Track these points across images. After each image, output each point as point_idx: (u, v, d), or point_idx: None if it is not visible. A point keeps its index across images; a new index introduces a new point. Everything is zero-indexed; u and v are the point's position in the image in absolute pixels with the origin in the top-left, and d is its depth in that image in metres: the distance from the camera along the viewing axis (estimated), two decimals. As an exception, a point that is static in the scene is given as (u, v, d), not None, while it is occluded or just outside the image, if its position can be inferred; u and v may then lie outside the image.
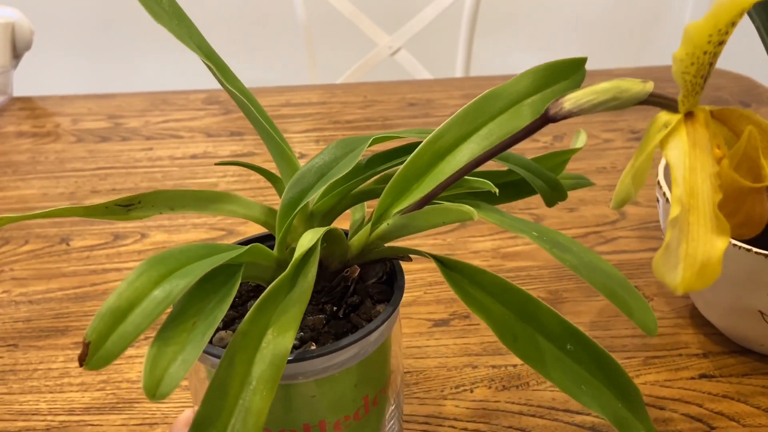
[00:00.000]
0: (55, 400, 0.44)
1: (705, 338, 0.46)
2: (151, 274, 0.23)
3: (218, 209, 0.30)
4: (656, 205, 0.63)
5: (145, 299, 0.22)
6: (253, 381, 0.23)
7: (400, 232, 0.30)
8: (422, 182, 0.30)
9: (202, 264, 0.24)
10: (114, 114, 0.89)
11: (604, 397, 0.28)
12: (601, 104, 0.24)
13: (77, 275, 0.56)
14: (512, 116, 0.28)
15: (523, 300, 0.29)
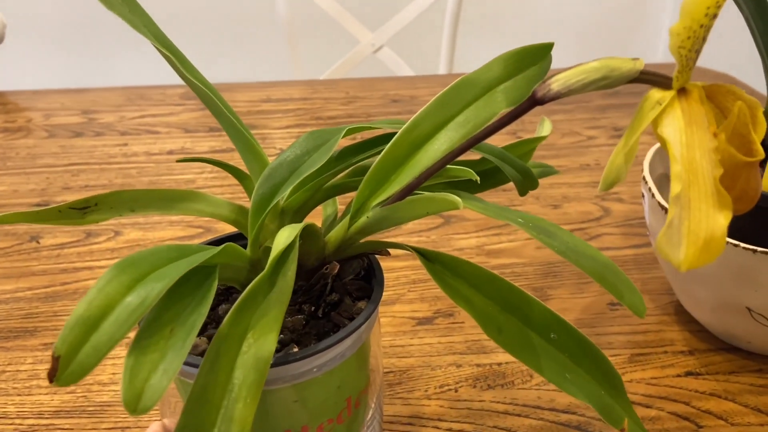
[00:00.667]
0: (23, 402, 0.42)
1: (691, 335, 0.46)
2: (122, 279, 0.21)
3: (184, 209, 0.28)
4: (641, 202, 0.62)
5: (118, 306, 0.21)
6: (235, 388, 0.21)
7: (380, 225, 0.29)
8: (400, 173, 0.29)
9: (176, 266, 0.23)
10: (88, 109, 0.87)
11: (589, 385, 0.28)
12: (591, 83, 0.23)
13: (47, 274, 0.54)
14: (487, 102, 0.28)
15: (506, 290, 0.28)
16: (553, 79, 0.23)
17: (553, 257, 0.54)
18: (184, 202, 0.28)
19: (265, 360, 0.22)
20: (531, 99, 0.24)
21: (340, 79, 0.96)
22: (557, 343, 0.28)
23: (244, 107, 0.86)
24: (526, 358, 0.28)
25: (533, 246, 0.56)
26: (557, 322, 0.28)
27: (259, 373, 0.22)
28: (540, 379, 0.42)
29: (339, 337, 0.26)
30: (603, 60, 0.23)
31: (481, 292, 0.29)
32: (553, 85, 0.23)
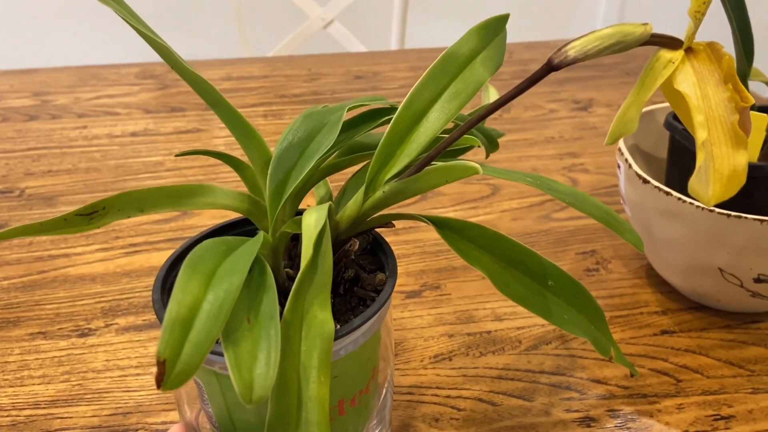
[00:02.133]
0: (17, 394, 0.41)
1: (662, 296, 0.49)
2: (198, 278, 0.21)
3: (195, 203, 0.28)
4: (605, 172, 0.65)
5: (204, 303, 0.21)
6: (307, 370, 0.22)
7: (395, 198, 0.30)
8: (405, 146, 0.30)
9: (238, 259, 0.23)
10: (39, 91, 0.84)
11: (582, 322, 0.31)
12: (606, 48, 0.25)
13: (22, 263, 0.53)
14: (471, 73, 0.29)
15: (508, 246, 0.31)
16: (569, 46, 0.25)
17: (528, 228, 0.57)
18: (194, 197, 0.28)
19: (329, 338, 0.23)
20: (547, 65, 0.26)
21: (299, 56, 0.96)
22: (554, 289, 0.31)
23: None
24: (532, 306, 0.30)
25: (509, 218, 0.58)
26: (553, 269, 0.31)
27: (325, 353, 0.23)
28: (528, 344, 0.44)
29: (375, 309, 0.27)
30: (616, 26, 0.25)
31: (487, 251, 0.31)
32: (569, 52, 0.25)
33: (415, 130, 0.30)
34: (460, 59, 0.30)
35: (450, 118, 0.30)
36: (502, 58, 0.31)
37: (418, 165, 0.28)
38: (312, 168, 0.29)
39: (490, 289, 0.49)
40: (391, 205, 0.30)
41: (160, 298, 0.29)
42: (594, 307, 0.32)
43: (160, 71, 0.89)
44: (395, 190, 0.29)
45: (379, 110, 0.34)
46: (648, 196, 0.43)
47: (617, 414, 0.39)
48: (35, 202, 0.61)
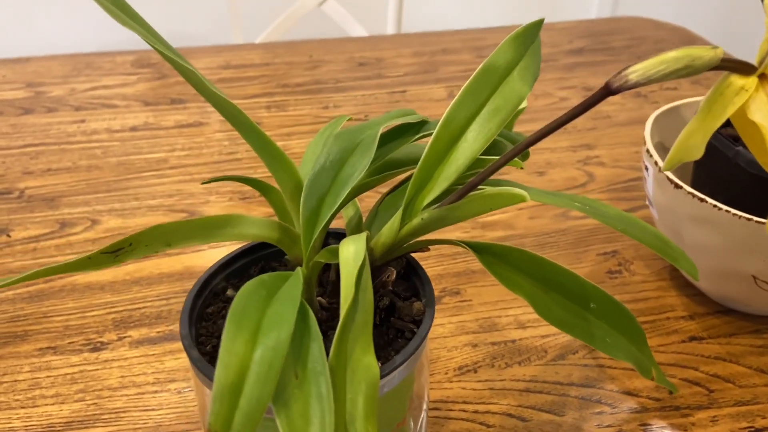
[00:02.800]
0: (29, 416, 0.40)
1: (688, 300, 0.48)
2: (244, 334, 0.20)
3: (224, 235, 0.27)
4: (621, 165, 0.64)
5: (252, 364, 0.19)
6: (354, 420, 0.21)
7: (435, 226, 0.28)
8: (443, 168, 0.28)
9: (282, 308, 0.21)
10: (32, 81, 0.81)
11: (624, 344, 0.30)
12: (672, 73, 0.23)
13: (26, 271, 0.51)
14: (509, 86, 0.28)
15: (548, 270, 0.29)
16: (631, 70, 0.23)
17: (546, 227, 0.55)
18: (223, 228, 0.26)
19: (373, 385, 0.22)
20: (605, 89, 0.24)
21: (299, 41, 0.93)
22: (596, 311, 0.30)
23: (204, 75, 0.82)
24: (574, 330, 0.29)
25: (525, 216, 0.57)
26: (594, 291, 0.30)
27: (371, 400, 0.21)
28: (554, 354, 0.43)
29: (417, 343, 0.26)
30: (683, 50, 0.23)
31: (528, 275, 0.29)
32: (630, 76, 0.23)
33: (453, 151, 0.28)
34: (498, 72, 0.29)
35: (490, 138, 0.28)
36: (539, 67, 0.30)
37: (461, 191, 0.27)
38: (348, 194, 0.27)
39: (512, 294, 0.48)
40: (431, 232, 0.28)
41: (188, 334, 0.27)
42: (635, 328, 0.31)
43: (156, 59, 0.86)
44: (435, 218, 0.27)
45: (409, 125, 0.32)
46: (679, 202, 0.41)
47: (650, 428, 0.39)
48: (36, 204, 0.59)
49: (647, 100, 0.75)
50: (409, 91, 0.78)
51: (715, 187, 0.45)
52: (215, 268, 0.30)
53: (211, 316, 0.29)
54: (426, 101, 0.76)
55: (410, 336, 0.29)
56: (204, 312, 0.29)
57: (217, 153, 0.66)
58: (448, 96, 0.77)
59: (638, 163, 0.64)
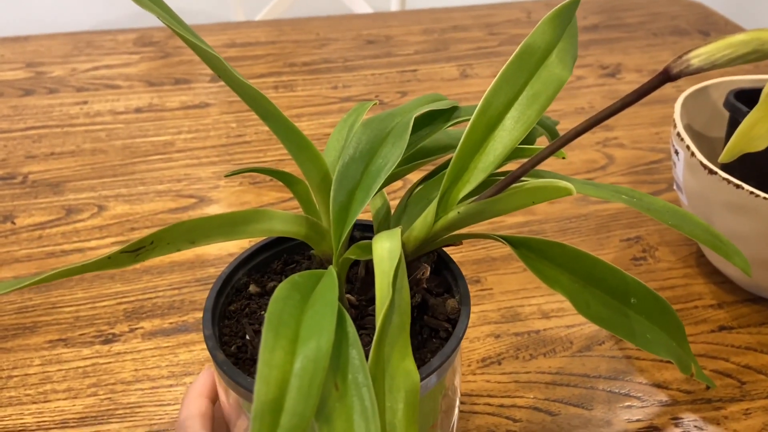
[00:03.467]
0: (41, 411, 0.39)
1: (716, 287, 0.46)
2: (282, 344, 0.18)
3: (250, 231, 0.25)
4: (641, 147, 0.62)
5: (292, 377, 0.18)
6: (394, 430, 0.20)
7: (472, 220, 0.27)
8: (479, 158, 0.27)
9: (320, 312, 0.20)
10: (32, 61, 0.79)
11: (665, 340, 0.29)
12: (739, 58, 0.21)
13: (33, 260, 0.50)
14: (548, 70, 0.27)
15: (589, 264, 0.28)
16: (693, 54, 0.21)
17: (567, 212, 0.54)
18: (248, 224, 0.25)
19: (414, 392, 0.21)
20: (664, 75, 0.22)
21: (305, 18, 0.90)
22: (636, 306, 0.28)
23: (209, 54, 0.80)
24: (614, 327, 0.28)
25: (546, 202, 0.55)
26: (635, 285, 0.28)
27: (412, 408, 0.20)
28: (580, 345, 0.42)
29: (454, 345, 0.24)
30: (752, 32, 0.21)
31: (567, 270, 0.28)
32: (693, 61, 0.21)
33: (490, 140, 0.27)
34: (536, 54, 0.27)
35: (530, 125, 0.27)
36: (577, 49, 0.28)
37: (501, 184, 0.25)
38: (380, 187, 0.26)
39: (534, 283, 0.47)
40: (467, 226, 0.27)
41: (212, 334, 0.26)
42: (676, 323, 0.30)
43: (159, 37, 0.84)
44: (472, 212, 0.26)
45: (438, 112, 0.31)
46: (713, 188, 0.40)
47: (682, 422, 0.38)
48: (40, 189, 0.57)
49: (665, 79, 0.73)
50: (420, 70, 0.76)
51: (746, 171, 0.43)
52: (236, 263, 0.29)
53: (234, 313, 0.28)
54: (438, 81, 0.74)
55: (444, 335, 0.27)
56: (226, 310, 0.28)
57: (225, 136, 0.64)
58: (460, 75, 0.75)
59: (659, 145, 0.62)
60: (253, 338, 0.27)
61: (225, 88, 0.73)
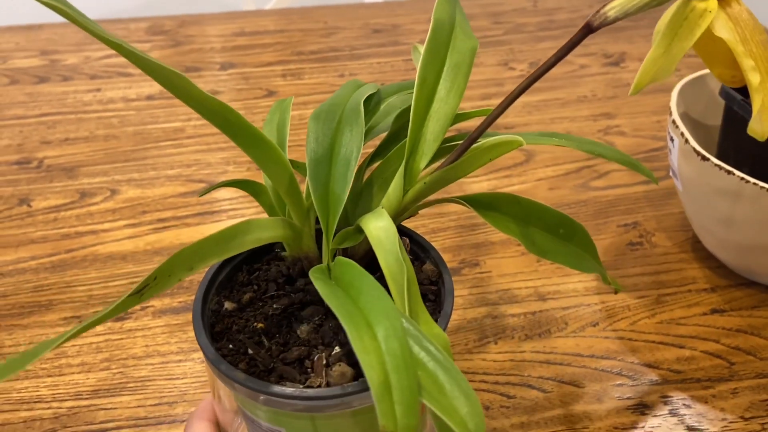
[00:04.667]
0: (56, 384, 0.41)
1: (710, 272, 0.47)
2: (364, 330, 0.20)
3: (243, 244, 0.25)
4: (642, 135, 0.63)
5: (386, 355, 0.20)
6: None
7: (437, 187, 0.29)
8: (427, 129, 0.28)
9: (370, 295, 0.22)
10: (46, 49, 0.80)
11: (587, 260, 0.31)
12: (645, 5, 0.24)
13: (48, 241, 0.52)
14: (459, 41, 0.29)
15: (525, 206, 0.31)
16: (608, 7, 0.24)
17: (566, 198, 0.55)
18: (239, 237, 0.25)
19: (448, 351, 0.22)
20: (586, 28, 0.25)
21: (313, 7, 0.92)
22: (564, 235, 0.31)
23: (218, 42, 0.82)
24: (556, 256, 0.30)
25: (545, 187, 0.56)
26: (559, 217, 0.31)
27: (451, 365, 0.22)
28: (576, 326, 0.43)
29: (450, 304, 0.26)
30: None
31: (511, 215, 0.30)
32: (609, 13, 0.24)
33: (432, 111, 0.29)
34: (445, 28, 0.29)
35: (462, 92, 0.28)
36: (467, 21, 0.30)
37: (459, 150, 0.27)
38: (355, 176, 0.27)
39: (531, 266, 0.48)
40: (433, 194, 0.29)
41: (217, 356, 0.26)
42: (591, 242, 0.32)
43: (170, 26, 0.86)
44: (437, 179, 0.28)
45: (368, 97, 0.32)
46: (706, 174, 0.41)
47: (671, 400, 0.39)
48: (55, 174, 0.59)
49: (669, 68, 0.74)
50: (426, 59, 0.77)
51: (740, 158, 0.44)
52: (203, 290, 0.29)
53: (222, 334, 0.28)
54: (443, 69, 0.75)
55: (433, 297, 0.29)
56: (214, 332, 0.28)
57: (234, 122, 0.66)
58: (466, 63, 0.76)
59: (660, 133, 0.63)
60: (258, 351, 0.27)
61: (234, 76, 0.75)
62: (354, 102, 0.30)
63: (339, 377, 0.25)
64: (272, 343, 0.27)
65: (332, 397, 0.24)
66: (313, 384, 0.25)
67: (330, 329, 0.27)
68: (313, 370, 0.26)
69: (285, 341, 0.28)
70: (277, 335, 0.28)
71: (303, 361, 0.26)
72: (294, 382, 0.25)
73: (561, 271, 0.48)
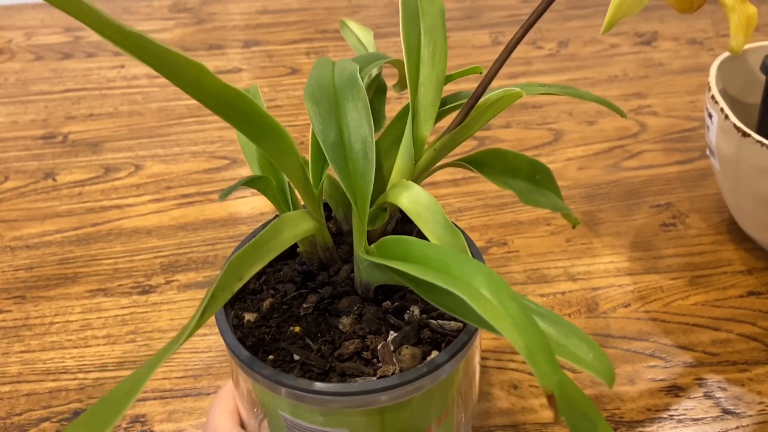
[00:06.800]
0: (82, 355, 0.41)
1: (746, 254, 0.46)
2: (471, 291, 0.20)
3: (281, 243, 0.25)
4: (675, 115, 0.61)
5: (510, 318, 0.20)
6: None
7: (447, 151, 0.28)
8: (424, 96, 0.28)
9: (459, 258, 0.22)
10: (71, 26, 0.80)
11: (556, 200, 0.32)
12: None
13: (73, 215, 0.51)
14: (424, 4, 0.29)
15: (512, 159, 0.31)
16: None
17: (597, 178, 0.54)
18: (276, 236, 0.25)
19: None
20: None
21: (338, -15, 0.90)
22: (540, 181, 0.32)
23: (242, 20, 0.81)
24: (540, 203, 0.31)
25: (574, 167, 0.55)
26: (534, 164, 0.32)
27: None
28: (606, 307, 0.42)
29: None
30: None
31: (501, 170, 0.31)
32: None
33: (422, 77, 0.28)
34: None
35: (444, 52, 0.28)
36: None
37: (463, 112, 0.27)
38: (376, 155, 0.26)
39: (560, 246, 0.47)
40: (443, 158, 0.28)
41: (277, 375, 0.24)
42: (552, 181, 0.33)
43: (193, 3, 0.85)
44: (445, 144, 0.27)
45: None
46: (746, 151, 0.39)
47: (705, 383, 0.38)
48: (80, 149, 0.59)
49: (703, 47, 0.72)
50: (452, 37, 0.76)
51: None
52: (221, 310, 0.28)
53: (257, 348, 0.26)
54: (469, 48, 0.74)
55: None
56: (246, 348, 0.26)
57: (258, 99, 0.65)
58: (492, 42, 0.75)
59: (694, 113, 0.61)
60: (308, 355, 0.26)
61: (257, 53, 0.74)
62: (345, 76, 0.28)
63: (410, 360, 0.24)
64: (319, 343, 0.26)
65: (420, 377, 0.23)
66: (387, 373, 0.24)
67: (373, 316, 0.26)
68: (380, 360, 0.25)
69: (332, 338, 0.26)
70: (319, 335, 0.27)
71: (359, 354, 0.25)
72: (363, 375, 0.24)
73: (591, 252, 0.47)
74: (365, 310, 0.27)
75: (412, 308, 0.27)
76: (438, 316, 0.28)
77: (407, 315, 0.27)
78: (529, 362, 0.19)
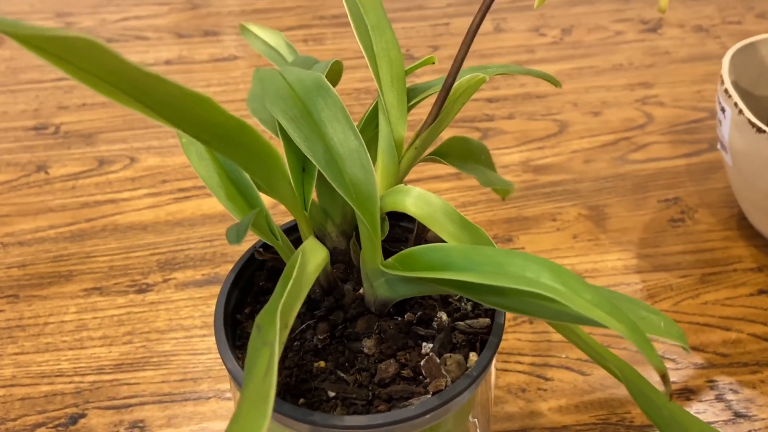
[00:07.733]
0: (78, 357, 0.40)
1: (757, 251, 0.45)
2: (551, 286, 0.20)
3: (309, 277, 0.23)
4: (682, 105, 0.60)
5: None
6: None
7: (427, 146, 0.27)
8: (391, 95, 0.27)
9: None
10: (62, 11, 0.78)
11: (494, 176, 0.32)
12: None
13: (67, 209, 0.50)
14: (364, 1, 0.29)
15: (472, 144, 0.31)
16: None
17: (603, 171, 0.52)
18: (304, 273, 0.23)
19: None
20: None
21: (335, -31, 0.88)
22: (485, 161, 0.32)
23: (237, 6, 0.79)
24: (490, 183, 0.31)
25: (580, 160, 0.54)
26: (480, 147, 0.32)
27: None
28: (614, 305, 0.41)
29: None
30: None
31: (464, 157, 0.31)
32: None
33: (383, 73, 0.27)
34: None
35: (397, 44, 0.28)
36: None
37: (437, 106, 0.26)
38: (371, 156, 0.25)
39: (567, 243, 0.46)
40: (424, 153, 0.28)
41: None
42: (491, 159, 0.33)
43: (188, -12, 0.83)
44: (425, 140, 0.27)
45: None
46: (761, 147, 0.38)
47: (717, 385, 0.37)
48: (73, 140, 0.57)
49: (709, 35, 0.70)
50: (453, 24, 0.74)
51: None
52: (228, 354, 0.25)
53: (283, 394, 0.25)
54: (471, 35, 0.72)
55: None
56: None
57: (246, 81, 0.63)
58: (494, 29, 0.73)
59: (701, 104, 0.60)
60: (345, 389, 0.24)
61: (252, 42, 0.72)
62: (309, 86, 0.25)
63: (457, 368, 0.23)
64: (352, 373, 0.25)
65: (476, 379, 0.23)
66: (440, 386, 0.23)
67: (396, 331, 0.25)
68: (425, 375, 0.24)
69: (363, 365, 0.25)
70: (347, 364, 0.25)
71: (398, 374, 0.24)
72: (415, 396, 0.23)
73: (598, 249, 0.46)
74: (384, 327, 0.26)
75: (440, 314, 0.26)
76: (462, 317, 0.27)
77: (435, 323, 0.26)
78: (638, 346, 0.19)
